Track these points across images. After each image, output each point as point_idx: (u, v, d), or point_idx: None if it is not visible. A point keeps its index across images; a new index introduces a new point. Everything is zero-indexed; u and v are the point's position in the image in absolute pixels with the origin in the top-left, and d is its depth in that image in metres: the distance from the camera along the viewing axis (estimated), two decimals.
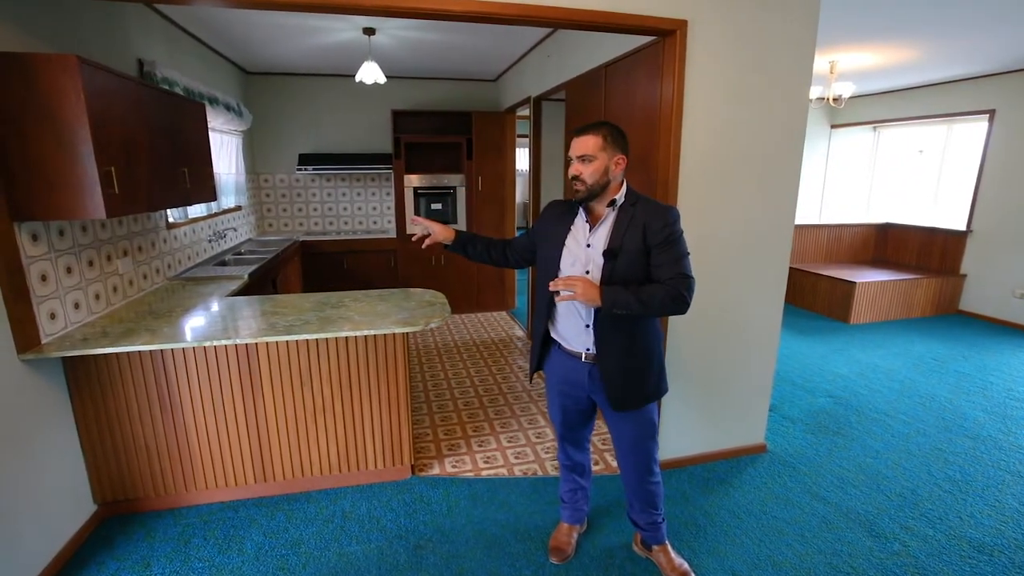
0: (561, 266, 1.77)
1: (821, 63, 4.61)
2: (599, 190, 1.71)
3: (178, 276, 3.26)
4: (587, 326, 1.77)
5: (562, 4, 2.06)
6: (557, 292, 1.65)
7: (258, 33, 3.77)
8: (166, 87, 2.99)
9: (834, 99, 4.93)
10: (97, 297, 2.42)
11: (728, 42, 2.30)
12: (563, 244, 1.79)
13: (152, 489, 2.37)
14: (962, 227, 5.61)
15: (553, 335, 1.89)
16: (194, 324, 2.33)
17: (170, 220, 3.26)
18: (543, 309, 1.88)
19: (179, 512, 2.40)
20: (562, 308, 1.82)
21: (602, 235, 1.73)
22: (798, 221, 6.42)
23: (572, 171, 1.71)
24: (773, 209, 2.58)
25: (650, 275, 1.68)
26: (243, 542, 2.21)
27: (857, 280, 5.27)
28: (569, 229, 1.80)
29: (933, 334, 5.03)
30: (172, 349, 2.22)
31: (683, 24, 2.19)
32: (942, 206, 6.08)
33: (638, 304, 1.60)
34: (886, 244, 6.43)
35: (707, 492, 2.57)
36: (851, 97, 6.43)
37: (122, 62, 2.75)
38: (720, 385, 2.74)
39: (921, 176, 6.36)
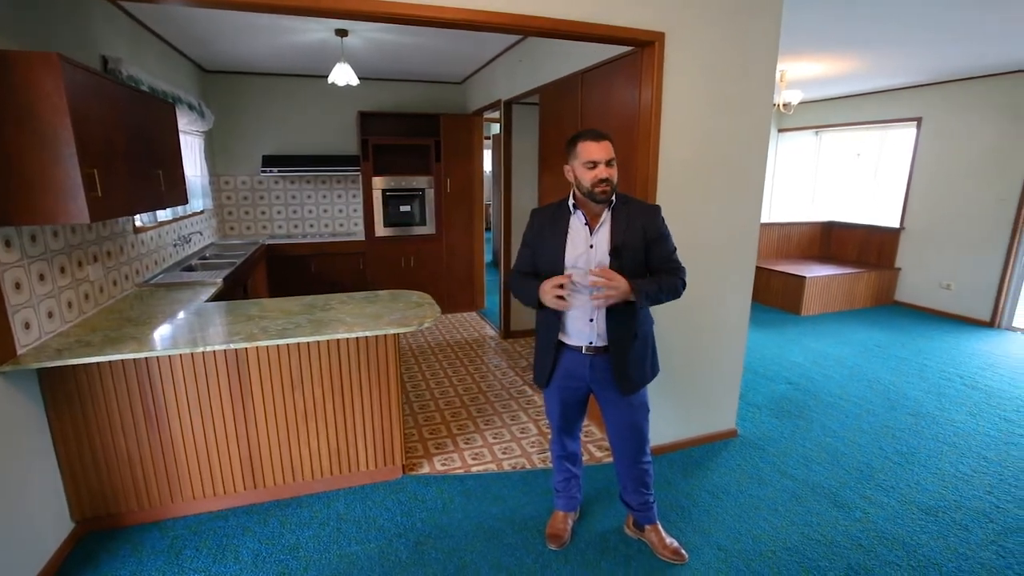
0: (566, 268, 1.85)
1: None
2: (615, 191, 1.83)
3: (146, 282, 3.14)
4: (590, 320, 1.87)
5: (547, 15, 2.15)
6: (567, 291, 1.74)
7: (226, 32, 3.67)
8: (132, 85, 2.88)
9: (784, 105, 5.27)
10: (70, 305, 2.32)
11: (702, 54, 2.47)
12: (564, 247, 1.87)
13: (135, 502, 2.30)
14: (896, 225, 6.11)
15: (561, 336, 1.94)
16: (179, 331, 2.27)
17: (137, 224, 3.14)
18: (552, 314, 1.90)
19: (165, 524, 2.33)
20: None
21: (604, 235, 1.83)
22: None
23: (601, 175, 1.77)
24: (742, 211, 2.77)
25: (648, 268, 1.86)
26: (238, 550, 2.18)
27: (807, 275, 5.65)
28: (566, 232, 1.89)
29: (874, 323, 5.47)
30: (158, 357, 2.17)
31: (661, 36, 2.33)
32: (879, 205, 6.59)
33: (658, 291, 1.79)
34: (830, 241, 6.91)
35: (687, 476, 2.73)
36: (796, 103, 6.88)
37: (86, 59, 2.64)
38: (695, 376, 2.91)
39: (859, 177, 6.88)
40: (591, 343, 1.90)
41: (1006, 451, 2.99)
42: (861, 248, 6.51)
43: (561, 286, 1.74)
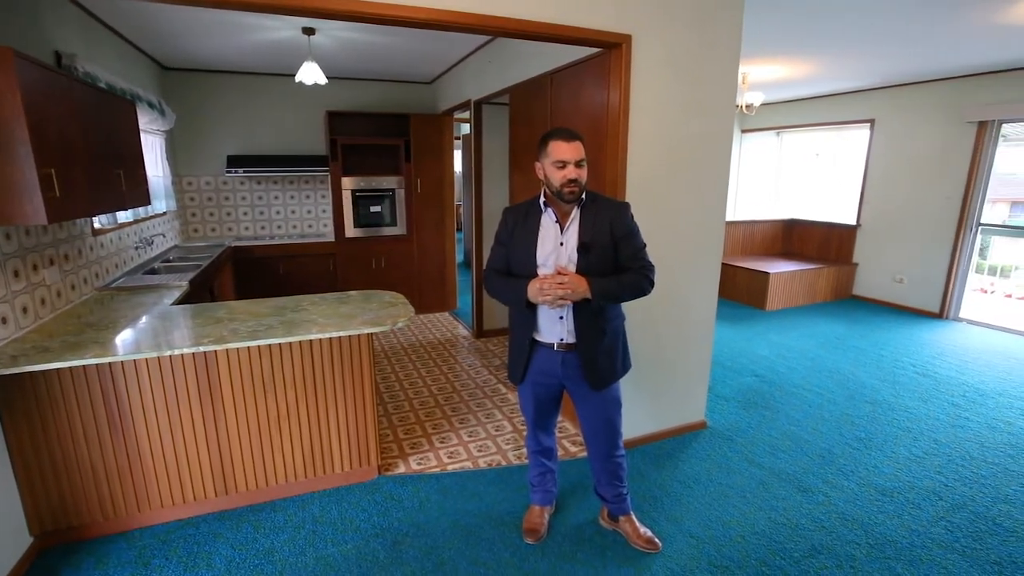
0: (538, 265, 1.88)
1: None
2: (584, 191, 1.87)
3: (106, 286, 3.03)
4: (560, 317, 1.91)
5: (515, 15, 2.18)
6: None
7: (186, 28, 3.58)
8: (89, 82, 2.78)
9: (746, 107, 5.44)
10: (25, 310, 2.23)
11: (668, 56, 2.54)
12: (535, 245, 1.90)
13: (100, 513, 2.22)
14: (853, 222, 6.38)
15: (534, 334, 1.97)
16: (145, 335, 2.21)
17: (96, 226, 3.03)
18: (527, 312, 1.92)
19: (132, 535, 2.26)
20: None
21: (573, 232, 1.87)
22: None
23: (570, 175, 1.80)
24: (708, 209, 2.86)
25: (617, 265, 1.89)
26: (211, 557, 2.13)
27: (770, 271, 5.85)
28: (538, 230, 1.92)
29: (834, 316, 5.70)
30: (122, 362, 2.10)
31: (628, 38, 2.39)
32: (836, 203, 6.87)
33: (618, 289, 1.82)
34: (792, 238, 7.17)
35: (659, 467, 2.80)
36: (759, 105, 7.10)
37: (38, 55, 2.53)
38: (665, 370, 2.98)
39: (818, 176, 7.15)
40: (561, 340, 1.94)
41: (954, 433, 3.17)
42: (821, 245, 6.77)
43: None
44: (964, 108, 5.18)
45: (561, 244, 1.89)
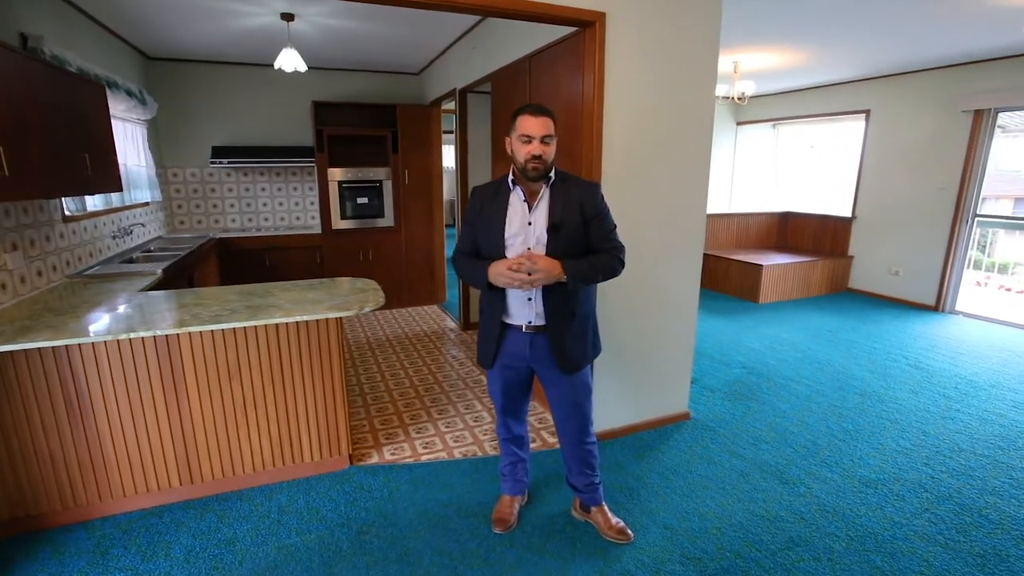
0: (507, 245, 1.82)
1: (726, 63, 5.01)
2: (550, 169, 1.81)
3: (79, 274, 2.98)
4: (528, 299, 1.85)
5: None
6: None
7: (160, 13, 3.52)
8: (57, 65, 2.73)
9: (738, 97, 5.36)
10: None
11: (644, 35, 2.47)
12: (503, 224, 1.83)
13: (59, 502, 2.17)
14: (848, 214, 6.30)
15: (503, 317, 1.91)
16: (104, 319, 2.15)
17: (67, 212, 2.98)
18: (497, 295, 1.87)
19: (93, 524, 2.21)
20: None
21: (542, 211, 1.81)
22: (710, 211, 6.93)
23: (534, 150, 1.73)
24: (688, 193, 2.79)
25: (588, 246, 1.84)
26: (170, 547, 2.08)
27: (764, 264, 5.77)
28: (506, 210, 1.85)
29: (828, 309, 5.62)
30: (80, 346, 2.05)
31: (601, 16, 2.33)
32: (832, 195, 6.78)
33: (592, 271, 1.78)
34: (787, 231, 7.08)
35: (638, 458, 2.74)
36: (754, 97, 7.01)
37: (2, 35, 2.48)
38: (647, 360, 2.92)
39: (813, 169, 7.06)
40: (530, 322, 1.88)
41: (943, 425, 3.09)
42: (816, 237, 6.69)
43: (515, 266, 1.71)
44: (959, 97, 5.09)
45: (529, 224, 1.83)
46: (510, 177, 1.87)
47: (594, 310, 1.99)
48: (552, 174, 1.84)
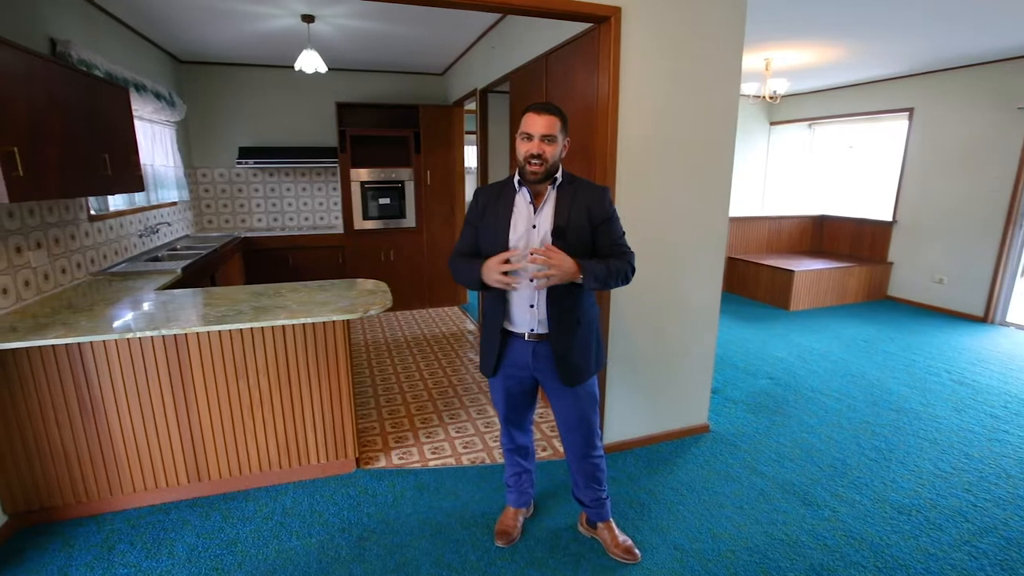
0: (510, 248, 1.74)
1: (756, 60, 4.81)
2: (553, 171, 1.72)
3: (103, 271, 3.06)
4: (531, 306, 1.78)
5: None
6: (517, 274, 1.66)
7: (184, 17, 3.59)
8: (84, 68, 2.80)
9: (770, 96, 5.14)
10: (4, 291, 2.24)
11: (661, 31, 2.36)
12: (508, 227, 1.75)
13: (72, 496, 2.22)
14: (888, 218, 5.98)
15: (505, 324, 1.84)
16: (116, 317, 2.18)
17: (92, 212, 3.06)
18: (498, 300, 1.81)
19: (103, 519, 2.25)
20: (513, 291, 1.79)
21: (547, 214, 1.74)
22: (741, 214, 6.71)
23: (533, 149, 1.66)
24: (708, 196, 2.66)
25: (595, 253, 1.75)
26: (174, 545, 2.09)
27: (795, 269, 5.52)
28: (511, 212, 1.78)
29: (864, 318, 5.34)
30: (92, 343, 2.09)
31: (617, 11, 2.23)
32: (871, 198, 6.45)
33: (608, 275, 1.68)
34: (822, 235, 6.78)
35: (651, 472, 2.63)
36: (788, 95, 6.75)
37: (30, 39, 2.56)
38: (663, 369, 2.80)
39: (852, 170, 6.74)
40: (532, 330, 1.81)
41: (989, 447, 2.87)
42: (853, 242, 6.37)
43: (507, 261, 1.62)
44: (1015, 93, 4.75)
45: (533, 227, 1.75)
46: (516, 177, 1.80)
47: (597, 319, 1.90)
48: (559, 175, 1.76)
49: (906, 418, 3.21)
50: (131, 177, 2.87)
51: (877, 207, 6.27)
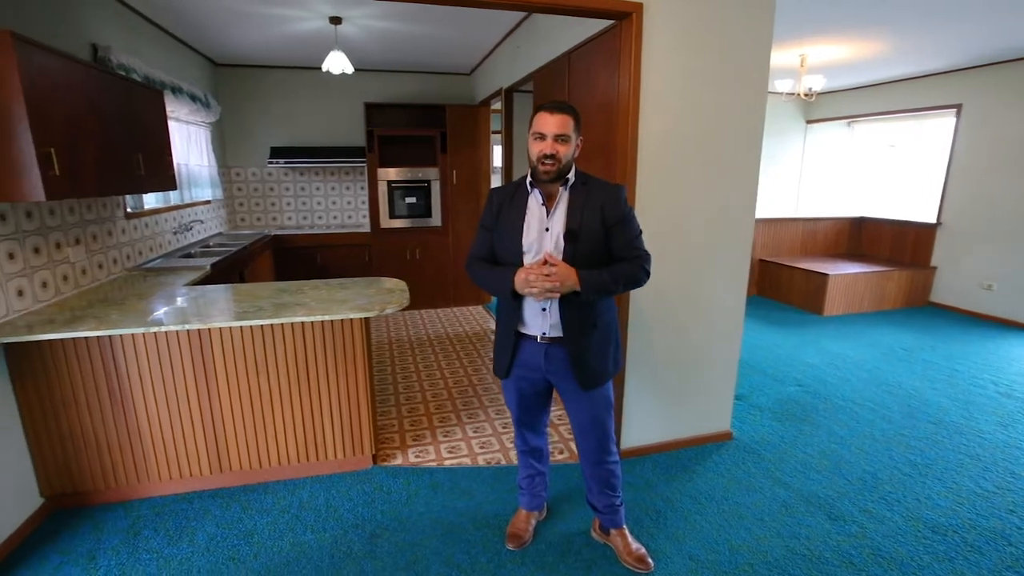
0: (524, 252, 1.72)
1: (791, 57, 4.65)
2: (566, 171, 1.70)
3: (138, 267, 3.19)
4: (543, 309, 1.75)
5: None
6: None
7: (218, 20, 3.70)
8: (122, 73, 2.92)
9: (806, 93, 4.97)
10: (44, 285, 2.35)
11: (685, 28, 2.30)
12: (521, 230, 1.74)
13: (103, 481, 2.31)
14: (932, 220, 5.69)
15: (518, 326, 1.82)
16: (145, 311, 2.27)
17: (128, 209, 3.19)
18: (512, 305, 1.78)
19: (131, 505, 2.34)
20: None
21: (560, 217, 1.71)
22: (773, 215, 6.50)
23: (547, 149, 1.63)
24: (733, 195, 2.58)
25: (610, 254, 1.72)
26: (195, 533, 2.16)
27: (830, 273, 5.32)
28: (524, 214, 1.76)
29: (904, 325, 5.10)
30: (121, 336, 2.17)
31: (639, 7, 2.19)
32: (913, 199, 6.16)
33: (613, 283, 1.65)
34: (860, 237, 6.51)
35: (670, 479, 2.57)
36: (825, 93, 6.50)
37: (74, 46, 2.69)
38: (684, 374, 2.73)
39: (893, 170, 6.45)
40: (544, 333, 1.78)
41: None
42: (893, 245, 6.10)
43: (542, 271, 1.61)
44: None
45: (547, 230, 1.73)
46: (528, 178, 1.77)
47: (616, 321, 1.87)
48: (572, 176, 1.73)
49: (945, 431, 3.05)
50: (164, 176, 2.97)
51: (920, 209, 5.98)
